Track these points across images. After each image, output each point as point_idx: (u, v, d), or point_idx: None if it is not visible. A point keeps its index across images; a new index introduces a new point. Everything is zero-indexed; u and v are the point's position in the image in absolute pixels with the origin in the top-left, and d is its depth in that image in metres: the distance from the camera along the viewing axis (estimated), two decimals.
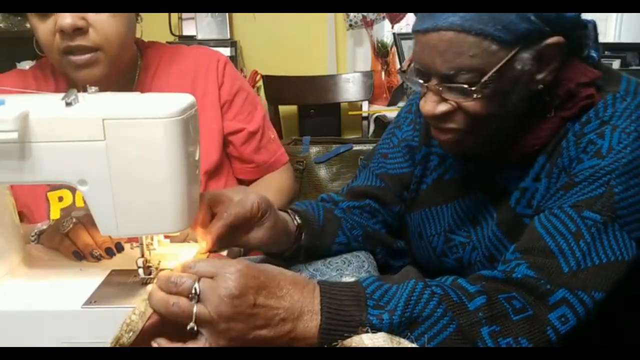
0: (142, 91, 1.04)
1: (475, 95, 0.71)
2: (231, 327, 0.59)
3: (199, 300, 0.59)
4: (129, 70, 1.06)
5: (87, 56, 0.91)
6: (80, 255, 0.76)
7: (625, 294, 0.72)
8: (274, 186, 1.17)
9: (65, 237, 0.78)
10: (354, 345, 0.59)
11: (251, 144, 1.15)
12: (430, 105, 0.75)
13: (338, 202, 0.97)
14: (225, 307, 0.58)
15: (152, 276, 0.71)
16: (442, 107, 0.74)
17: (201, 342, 0.59)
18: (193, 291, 0.59)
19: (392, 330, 0.62)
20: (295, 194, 1.20)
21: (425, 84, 0.75)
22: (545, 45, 0.72)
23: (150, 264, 0.71)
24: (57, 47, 0.90)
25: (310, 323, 0.61)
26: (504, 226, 0.83)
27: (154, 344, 0.60)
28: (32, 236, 0.87)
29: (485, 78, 0.70)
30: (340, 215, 0.95)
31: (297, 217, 0.87)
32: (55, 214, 1.02)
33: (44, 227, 0.87)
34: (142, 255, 0.71)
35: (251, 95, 1.18)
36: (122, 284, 0.70)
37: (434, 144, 0.93)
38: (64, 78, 1.04)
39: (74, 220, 0.78)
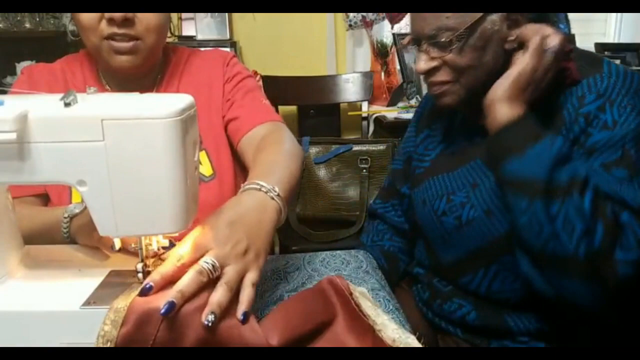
0: (164, 88, 1.09)
1: (450, 48, 0.87)
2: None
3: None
4: (153, 70, 1.11)
5: (130, 44, 0.97)
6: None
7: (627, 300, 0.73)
8: (269, 136, 1.04)
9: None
10: (357, 292, 0.70)
11: (236, 101, 1.12)
12: (422, 64, 0.91)
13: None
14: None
15: None
16: (431, 63, 0.91)
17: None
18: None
19: None
20: (300, 155, 1.00)
21: (418, 47, 0.92)
22: None
23: (149, 269, 0.71)
24: (101, 32, 0.95)
25: None
26: None
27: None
28: (65, 218, 0.84)
29: (457, 33, 0.85)
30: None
31: None
32: (76, 197, 1.01)
33: (77, 210, 0.84)
34: (142, 260, 0.70)
35: (249, 80, 1.17)
36: (121, 284, 0.70)
37: (434, 126, 1.08)
38: (93, 74, 1.09)
39: None
